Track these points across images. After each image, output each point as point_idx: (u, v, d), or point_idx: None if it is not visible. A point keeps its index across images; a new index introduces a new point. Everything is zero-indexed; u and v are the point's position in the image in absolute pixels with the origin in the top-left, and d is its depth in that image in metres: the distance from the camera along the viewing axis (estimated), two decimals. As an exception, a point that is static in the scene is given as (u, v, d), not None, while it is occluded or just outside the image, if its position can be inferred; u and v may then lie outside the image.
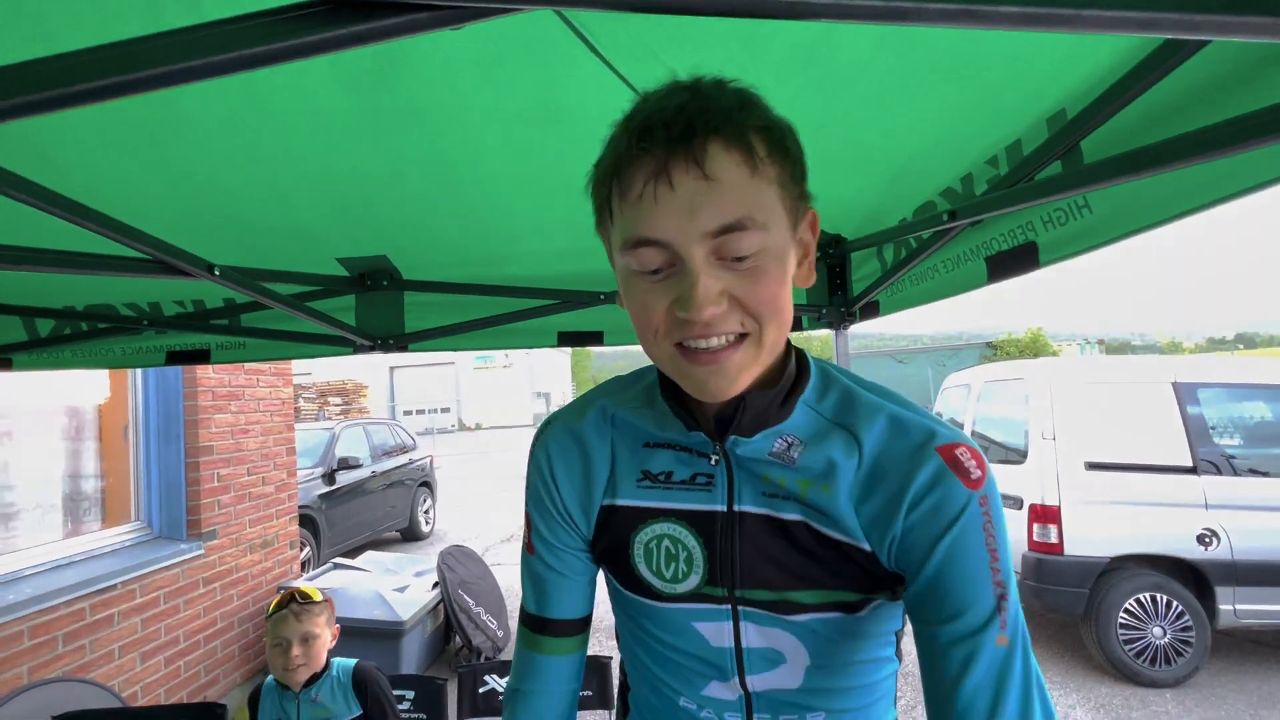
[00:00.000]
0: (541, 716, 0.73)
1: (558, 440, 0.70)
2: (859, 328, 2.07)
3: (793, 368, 0.63)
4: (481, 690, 2.11)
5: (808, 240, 0.59)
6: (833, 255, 1.89)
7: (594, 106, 1.02)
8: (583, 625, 0.75)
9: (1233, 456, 3.65)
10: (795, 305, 2.05)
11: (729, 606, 0.64)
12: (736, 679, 0.66)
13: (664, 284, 0.53)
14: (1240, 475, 3.61)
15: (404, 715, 1.99)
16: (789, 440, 0.61)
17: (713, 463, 0.64)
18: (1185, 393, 3.77)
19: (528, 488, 0.73)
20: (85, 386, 3.18)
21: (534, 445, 0.72)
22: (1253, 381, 3.84)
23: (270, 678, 1.79)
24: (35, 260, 1.06)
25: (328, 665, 1.78)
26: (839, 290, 1.94)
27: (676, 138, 0.48)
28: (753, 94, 0.53)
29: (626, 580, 0.68)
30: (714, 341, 0.53)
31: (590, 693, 2.07)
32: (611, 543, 0.68)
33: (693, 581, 0.64)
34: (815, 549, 0.61)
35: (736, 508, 0.63)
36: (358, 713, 1.77)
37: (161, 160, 1.15)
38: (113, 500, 3.23)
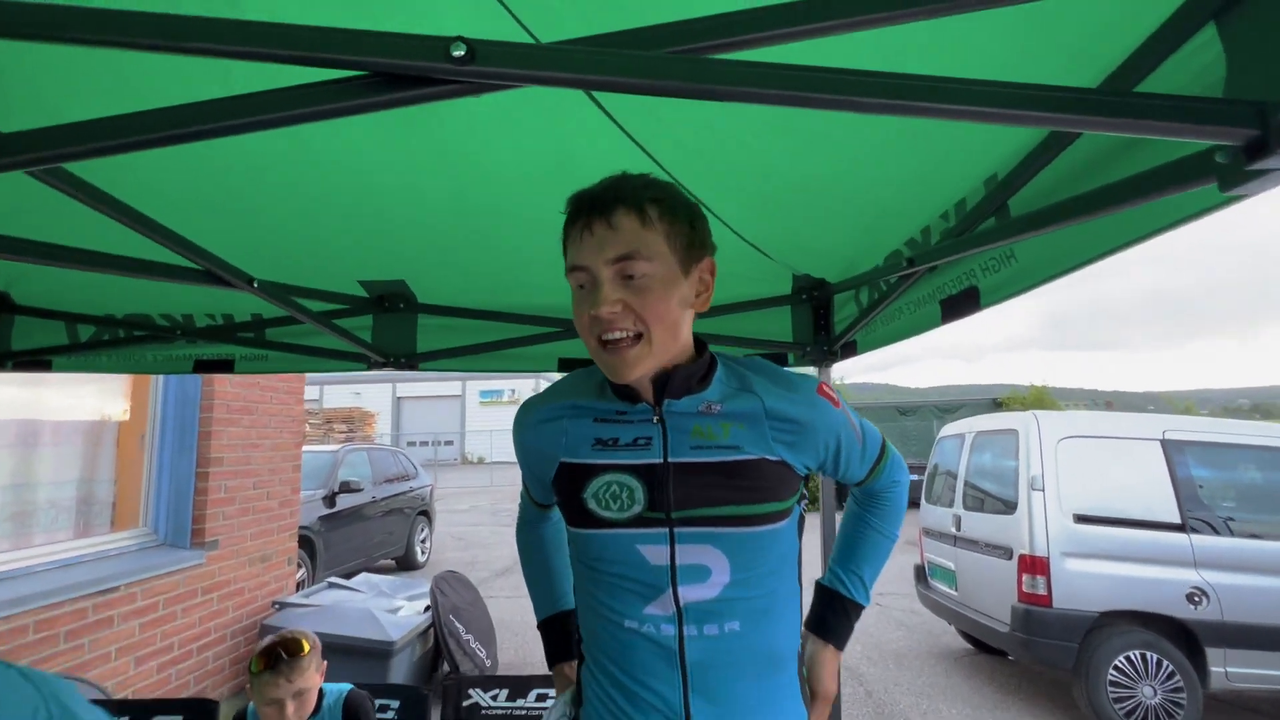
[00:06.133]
0: (558, 529, 1.14)
1: (531, 422, 0.99)
2: (868, 378, 2.20)
3: (706, 358, 0.91)
4: (465, 703, 2.15)
5: (706, 279, 0.88)
6: (818, 298, 2.04)
7: (601, 158, 1.17)
8: None
9: (1221, 516, 3.68)
10: (783, 343, 2.19)
11: (666, 530, 0.86)
12: (670, 593, 0.86)
13: (589, 295, 0.82)
14: (1228, 535, 3.64)
15: (387, 725, 2.04)
16: (709, 403, 0.89)
17: (655, 422, 0.89)
18: (1174, 450, 3.83)
19: (515, 451, 1.03)
20: (110, 395, 3.35)
21: (516, 423, 1.01)
22: (1241, 442, 3.90)
23: (253, 705, 1.73)
24: (114, 265, 1.22)
25: (320, 698, 1.75)
26: (823, 330, 2.07)
27: (598, 206, 0.80)
28: (661, 182, 0.84)
29: (579, 517, 0.91)
30: (617, 334, 0.80)
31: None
32: (568, 487, 0.92)
33: (635, 510, 0.87)
34: (735, 472, 0.86)
35: (670, 459, 0.87)
36: None
37: (212, 185, 1.31)
38: (123, 505, 3.35)
